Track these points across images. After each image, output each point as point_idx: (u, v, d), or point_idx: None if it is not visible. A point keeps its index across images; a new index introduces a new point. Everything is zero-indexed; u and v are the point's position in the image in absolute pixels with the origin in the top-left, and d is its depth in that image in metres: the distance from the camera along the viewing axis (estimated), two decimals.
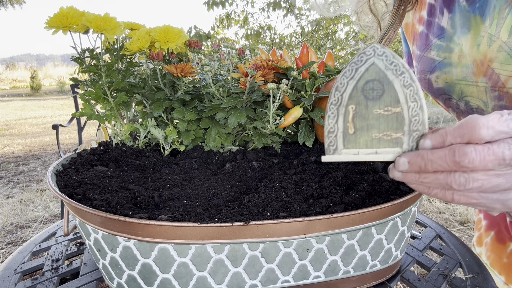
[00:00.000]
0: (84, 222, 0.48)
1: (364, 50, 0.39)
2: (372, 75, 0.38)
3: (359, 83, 0.39)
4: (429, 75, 0.71)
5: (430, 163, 0.35)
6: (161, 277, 0.46)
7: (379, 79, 0.38)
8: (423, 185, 0.37)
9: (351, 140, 0.39)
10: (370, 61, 0.38)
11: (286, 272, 0.49)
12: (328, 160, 0.41)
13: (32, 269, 0.64)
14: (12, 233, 2.36)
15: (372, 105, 0.38)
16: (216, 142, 0.68)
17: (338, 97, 0.40)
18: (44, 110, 8.30)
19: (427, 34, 0.73)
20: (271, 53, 0.82)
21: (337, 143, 0.40)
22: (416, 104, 0.37)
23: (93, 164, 0.65)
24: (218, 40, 4.53)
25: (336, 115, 0.40)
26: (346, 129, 0.40)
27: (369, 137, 0.39)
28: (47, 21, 0.60)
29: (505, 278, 0.78)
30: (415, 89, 0.37)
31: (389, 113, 0.38)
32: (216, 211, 0.48)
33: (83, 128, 2.61)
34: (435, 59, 0.69)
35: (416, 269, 1.67)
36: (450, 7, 0.67)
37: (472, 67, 0.63)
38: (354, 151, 0.39)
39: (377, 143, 0.39)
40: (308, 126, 0.72)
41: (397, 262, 0.58)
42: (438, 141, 0.35)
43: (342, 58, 4.02)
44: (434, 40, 0.70)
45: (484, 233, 0.86)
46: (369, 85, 0.38)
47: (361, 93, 0.39)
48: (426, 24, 0.73)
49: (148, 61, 0.70)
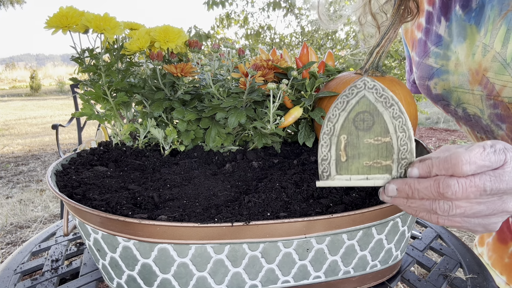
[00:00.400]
0: (84, 222, 0.48)
1: (355, 83, 0.41)
2: (362, 107, 0.41)
3: (350, 115, 0.41)
4: (427, 82, 0.72)
5: (417, 191, 0.37)
6: (161, 277, 0.46)
7: (369, 111, 0.40)
8: (411, 209, 0.40)
9: (344, 167, 0.42)
10: (361, 94, 0.41)
11: (286, 272, 0.49)
12: (322, 186, 0.43)
13: (31, 269, 0.64)
14: (11, 233, 2.36)
15: (363, 135, 0.41)
16: (216, 142, 0.68)
17: (330, 127, 0.42)
18: (44, 110, 8.30)
19: (426, 41, 0.73)
20: (271, 53, 0.82)
21: (330, 170, 0.43)
22: (404, 134, 0.39)
23: (93, 164, 0.65)
24: (218, 40, 4.53)
25: (329, 144, 0.42)
26: (338, 157, 0.42)
27: (360, 164, 0.41)
28: (47, 21, 0.60)
29: (506, 278, 0.78)
30: (404, 120, 0.39)
31: (379, 143, 0.41)
32: (216, 211, 0.48)
33: (82, 128, 2.61)
34: (433, 66, 0.70)
35: (416, 269, 1.67)
36: (447, 16, 0.68)
37: (468, 76, 0.63)
38: (346, 177, 0.42)
39: (368, 170, 0.41)
40: (308, 126, 0.72)
41: (397, 262, 0.58)
42: (424, 170, 0.37)
43: (342, 58, 4.02)
44: (432, 48, 0.71)
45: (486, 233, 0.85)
46: (360, 117, 0.41)
47: (352, 124, 0.41)
48: (425, 31, 0.74)
49: (148, 61, 0.70)
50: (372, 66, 0.65)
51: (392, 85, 0.63)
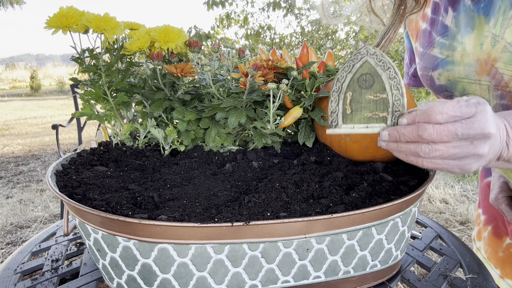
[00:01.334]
0: (84, 222, 0.48)
1: (359, 50, 0.50)
2: (365, 70, 0.49)
3: (355, 76, 0.50)
4: (431, 72, 0.72)
5: (403, 135, 0.45)
6: (161, 277, 0.46)
7: (371, 73, 0.49)
8: (402, 153, 0.47)
9: (348, 118, 0.51)
10: (364, 59, 0.49)
11: (286, 272, 0.49)
12: (331, 133, 0.52)
13: (32, 269, 0.64)
14: (11, 233, 2.36)
15: (365, 92, 0.50)
16: (216, 142, 0.68)
17: (338, 86, 0.51)
18: (44, 110, 8.30)
19: (431, 31, 0.73)
20: (271, 53, 0.82)
21: (338, 120, 0.52)
22: (398, 91, 0.48)
23: (93, 164, 0.65)
24: (218, 40, 4.53)
25: (337, 100, 0.51)
26: (344, 110, 0.51)
27: (362, 116, 0.50)
28: (47, 21, 0.60)
29: (500, 271, 0.80)
30: (398, 80, 0.48)
31: (377, 98, 0.49)
32: (216, 211, 0.48)
33: (83, 128, 2.61)
34: (438, 56, 0.71)
35: (416, 269, 1.67)
36: (454, 6, 0.68)
37: (476, 66, 0.64)
38: (350, 126, 0.51)
39: (368, 120, 0.50)
40: (308, 126, 0.72)
41: (397, 262, 0.58)
42: (411, 119, 0.45)
43: (342, 58, 4.02)
44: (438, 38, 0.71)
45: (483, 227, 0.87)
46: (362, 77, 0.50)
47: (356, 83, 0.50)
48: (430, 22, 0.73)
49: (148, 61, 0.70)
50: None
51: None
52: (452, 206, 2.64)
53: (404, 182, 0.56)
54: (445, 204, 2.67)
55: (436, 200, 2.72)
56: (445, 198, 2.74)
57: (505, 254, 0.79)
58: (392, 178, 0.57)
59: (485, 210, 0.88)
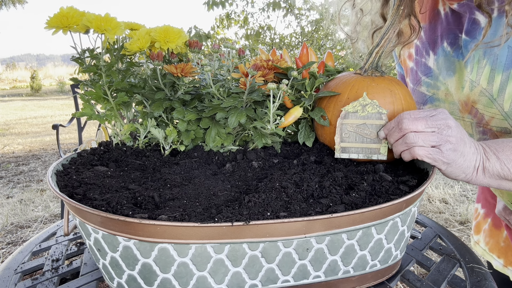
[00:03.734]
0: (84, 222, 0.48)
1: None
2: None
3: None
4: (422, 107, 0.79)
5: (391, 129, 0.57)
6: (161, 277, 0.46)
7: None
8: (396, 148, 0.58)
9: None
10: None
11: (286, 272, 0.50)
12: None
13: (32, 269, 0.64)
14: (12, 233, 2.36)
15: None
16: (216, 142, 0.68)
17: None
18: (44, 110, 8.30)
19: (417, 71, 0.79)
20: (271, 53, 0.82)
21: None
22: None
23: (93, 164, 0.65)
24: (218, 40, 4.53)
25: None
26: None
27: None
28: (47, 21, 0.60)
29: (503, 261, 0.83)
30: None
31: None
32: (216, 211, 0.48)
33: (83, 128, 2.61)
34: (425, 93, 0.78)
35: (416, 269, 1.68)
36: (434, 50, 0.73)
37: (458, 105, 0.71)
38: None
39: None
40: (308, 126, 0.72)
41: (397, 262, 0.58)
42: (386, 128, 0.60)
43: (342, 58, 4.02)
44: (423, 78, 0.77)
45: (482, 220, 0.91)
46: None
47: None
48: (415, 62, 0.79)
49: (148, 61, 0.70)
50: (372, 66, 0.66)
51: (392, 85, 0.63)
52: (451, 206, 2.64)
53: (404, 182, 0.56)
54: (445, 204, 2.67)
55: (436, 200, 2.73)
56: (444, 198, 2.74)
57: (506, 243, 0.83)
58: (392, 178, 0.57)
59: (484, 204, 0.91)
